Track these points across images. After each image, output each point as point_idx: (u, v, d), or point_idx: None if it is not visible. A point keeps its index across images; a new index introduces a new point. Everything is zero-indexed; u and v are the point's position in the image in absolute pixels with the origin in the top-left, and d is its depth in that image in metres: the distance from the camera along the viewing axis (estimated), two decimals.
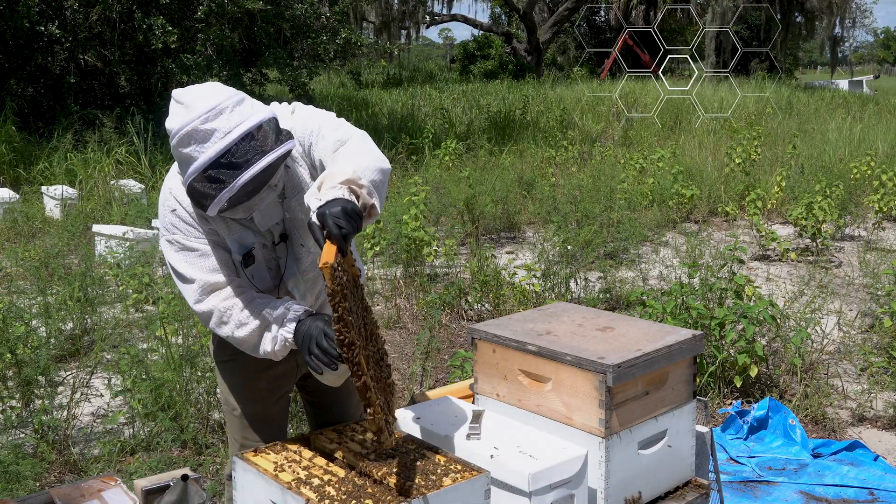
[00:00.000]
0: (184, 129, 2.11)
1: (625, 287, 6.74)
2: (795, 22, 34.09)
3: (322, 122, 2.33)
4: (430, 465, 2.11)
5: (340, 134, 2.27)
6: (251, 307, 2.29)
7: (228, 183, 2.09)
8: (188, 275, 2.31)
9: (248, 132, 2.11)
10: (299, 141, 2.33)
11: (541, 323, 2.66)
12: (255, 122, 2.13)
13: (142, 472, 3.59)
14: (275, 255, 2.40)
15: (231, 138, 2.09)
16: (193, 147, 2.11)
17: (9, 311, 4.65)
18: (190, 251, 2.31)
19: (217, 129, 2.10)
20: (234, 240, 2.33)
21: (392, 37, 31.61)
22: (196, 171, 2.11)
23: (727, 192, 10.72)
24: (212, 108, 2.11)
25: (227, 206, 2.16)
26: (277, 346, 2.28)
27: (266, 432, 2.61)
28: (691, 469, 2.61)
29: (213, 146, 2.09)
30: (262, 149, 2.11)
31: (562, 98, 19.14)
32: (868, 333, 5.85)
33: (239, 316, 2.29)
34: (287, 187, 2.34)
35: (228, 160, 2.09)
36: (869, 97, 25.22)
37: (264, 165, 2.10)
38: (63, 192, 9.40)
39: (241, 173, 2.08)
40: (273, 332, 2.28)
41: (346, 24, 17.89)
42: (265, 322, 2.28)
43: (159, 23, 12.90)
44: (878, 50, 79.06)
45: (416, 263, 7.19)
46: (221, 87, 2.20)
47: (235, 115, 2.12)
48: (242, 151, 2.10)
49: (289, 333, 2.25)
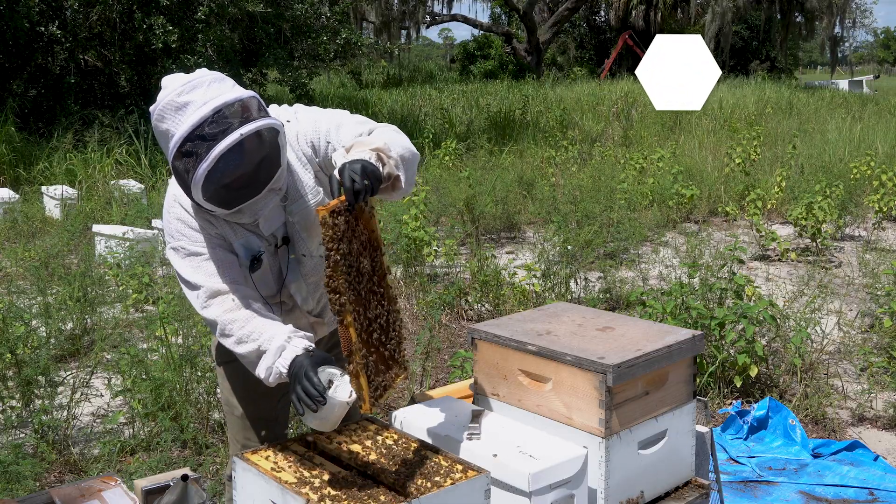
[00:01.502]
0: (160, 105, 2.08)
1: (625, 287, 6.74)
2: (795, 22, 34.10)
3: (340, 119, 2.31)
4: (430, 465, 2.11)
5: (364, 127, 2.26)
6: (252, 326, 2.24)
7: (204, 155, 2.02)
8: (194, 280, 2.27)
9: (225, 104, 2.05)
10: (311, 142, 2.30)
11: (541, 323, 2.66)
12: (234, 96, 2.08)
13: (142, 472, 3.59)
14: (276, 260, 2.38)
15: (206, 109, 2.04)
16: (170, 121, 2.07)
17: (9, 311, 4.65)
18: (195, 256, 2.28)
19: (192, 101, 2.05)
20: (240, 244, 2.31)
21: (392, 37, 31.61)
22: (175, 146, 2.06)
23: (727, 192, 10.72)
24: (188, 82, 2.08)
25: (210, 192, 2.08)
26: (272, 377, 2.22)
27: (267, 433, 2.61)
28: (691, 469, 2.60)
29: (189, 118, 2.04)
30: (241, 121, 2.05)
31: (562, 98, 19.14)
32: (868, 333, 5.85)
33: (239, 333, 2.24)
34: (290, 191, 2.31)
35: (204, 131, 2.03)
36: (869, 97, 25.22)
37: (240, 135, 2.03)
38: (63, 192, 9.40)
39: (217, 144, 2.02)
40: (268, 363, 2.21)
41: (346, 24, 17.89)
42: (264, 346, 2.22)
43: (160, 22, 12.90)
44: (878, 50, 79.11)
45: (416, 263, 7.20)
46: (204, 70, 2.17)
47: (212, 90, 2.08)
48: (219, 122, 2.04)
49: (283, 368, 2.19)
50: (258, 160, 2.14)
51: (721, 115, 17.80)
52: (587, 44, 38.93)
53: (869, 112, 19.20)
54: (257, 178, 2.16)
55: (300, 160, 2.32)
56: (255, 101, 2.12)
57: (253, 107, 2.10)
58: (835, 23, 33.27)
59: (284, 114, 2.35)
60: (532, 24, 32.40)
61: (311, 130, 2.30)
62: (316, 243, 2.39)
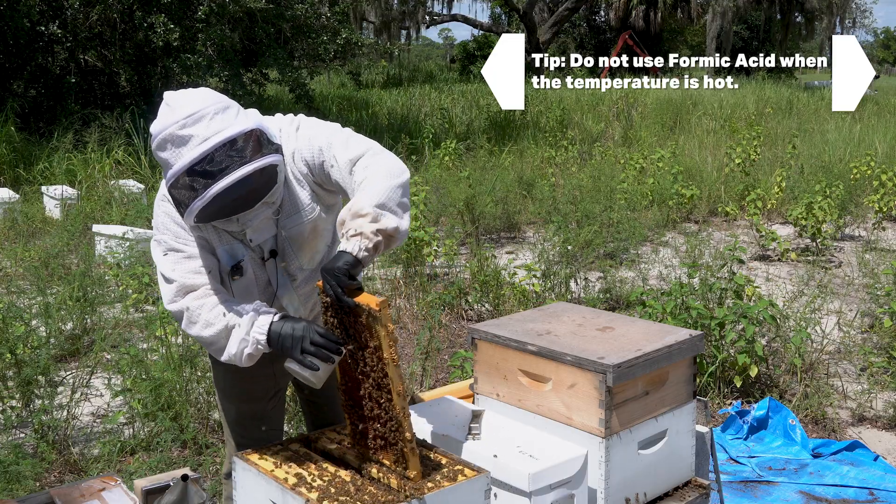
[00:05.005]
0: (161, 134, 2.07)
1: (625, 287, 6.74)
2: (795, 22, 34.10)
3: (331, 139, 2.26)
4: (431, 465, 2.11)
5: (351, 153, 2.21)
6: (221, 308, 2.22)
7: (201, 192, 2.03)
8: (169, 276, 2.26)
9: (226, 141, 2.04)
10: (306, 160, 2.27)
11: (541, 323, 2.66)
12: (236, 131, 2.06)
13: (142, 472, 3.59)
14: (264, 272, 2.36)
15: (207, 146, 2.03)
16: (170, 152, 2.06)
17: (9, 311, 4.65)
18: (175, 252, 2.27)
19: (194, 136, 2.04)
20: (224, 250, 2.29)
21: (392, 37, 31.60)
22: (172, 177, 2.06)
23: (727, 192, 10.72)
24: (192, 114, 2.05)
25: (204, 218, 2.10)
26: (248, 348, 2.18)
27: (263, 431, 2.61)
28: (691, 469, 2.61)
29: (189, 153, 2.03)
30: (240, 160, 2.04)
31: (562, 98, 19.13)
32: (868, 333, 5.85)
33: (207, 315, 2.21)
34: (284, 206, 2.29)
35: (203, 168, 2.02)
36: (869, 97, 25.20)
37: (239, 177, 2.03)
38: (63, 192, 9.40)
39: (215, 183, 2.02)
40: (241, 334, 2.18)
41: (346, 25, 17.88)
42: (234, 321, 2.19)
43: (161, 21, 12.90)
44: (878, 50, 79.04)
45: (416, 263, 7.19)
46: (210, 94, 2.14)
47: (216, 123, 2.06)
48: (219, 160, 2.03)
49: (261, 335, 2.16)
50: (255, 187, 2.13)
51: (721, 115, 17.80)
52: (587, 44, 38.89)
53: (869, 112, 19.19)
54: (253, 197, 2.15)
55: (296, 178, 2.29)
56: (257, 133, 2.10)
57: (254, 141, 2.08)
58: (835, 23, 33.25)
59: (287, 127, 2.31)
60: (532, 24, 32.37)
61: (306, 148, 2.27)
62: (307, 258, 2.39)
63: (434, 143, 13.20)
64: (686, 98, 19.11)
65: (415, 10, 32.53)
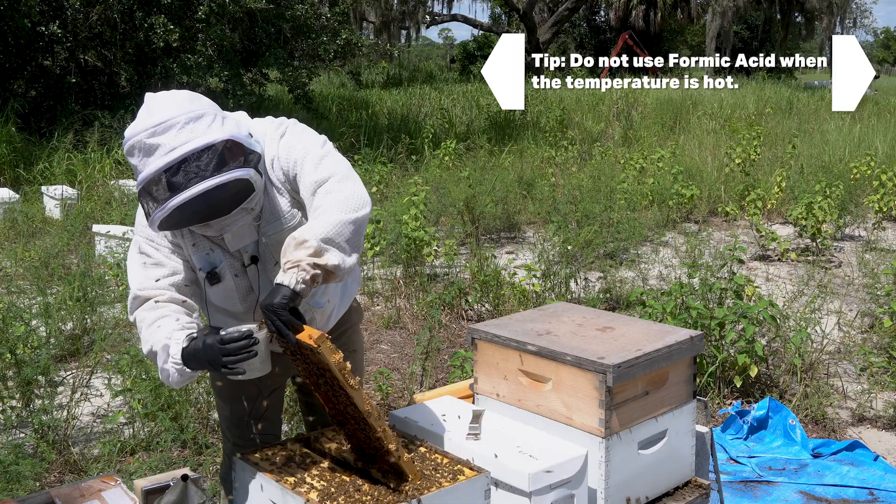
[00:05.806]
0: (131, 140, 2.05)
1: (625, 287, 6.74)
2: (795, 22, 34.11)
3: (306, 153, 2.21)
4: (431, 465, 2.11)
5: (318, 174, 2.16)
6: (152, 328, 2.16)
7: (162, 203, 2.01)
8: (130, 283, 2.26)
9: (192, 153, 2.01)
10: (283, 169, 2.23)
11: (541, 323, 2.66)
12: (203, 143, 2.02)
13: (142, 472, 3.59)
14: (246, 278, 2.33)
15: (171, 157, 2.00)
16: (137, 159, 2.04)
17: (9, 311, 4.65)
18: (143, 255, 2.26)
19: (161, 145, 2.01)
20: (201, 255, 2.26)
21: (392, 37, 31.60)
22: (138, 185, 2.05)
23: (727, 192, 10.72)
24: (162, 122, 2.02)
25: (167, 227, 2.08)
26: (171, 376, 2.13)
27: (258, 430, 2.61)
28: (691, 469, 2.61)
29: (155, 162, 2.01)
30: (204, 173, 2.00)
31: (562, 98, 19.13)
32: (868, 333, 5.84)
33: (144, 333, 2.18)
34: (265, 212, 2.26)
35: (168, 179, 2.00)
36: (869, 97, 25.20)
37: (198, 191, 2.00)
38: (63, 192, 9.39)
39: (174, 196, 1.99)
40: (161, 361, 2.14)
41: (346, 25, 17.88)
42: (157, 347, 2.14)
43: (161, 21, 12.90)
44: (878, 50, 79.03)
45: (416, 263, 7.19)
46: (186, 101, 2.10)
47: (184, 134, 2.02)
48: (184, 172, 2.00)
49: (177, 364, 2.11)
50: (221, 199, 2.09)
51: (721, 115, 17.80)
52: (587, 44, 38.90)
53: (869, 112, 19.19)
54: (226, 205, 2.12)
55: (275, 185, 2.26)
56: (227, 145, 2.05)
57: (224, 154, 2.04)
58: (835, 23, 33.26)
59: (272, 132, 2.27)
60: (532, 24, 32.37)
61: (283, 157, 2.23)
62: None
63: (434, 143, 13.19)
64: (686, 98, 19.12)
65: (415, 10, 32.53)
